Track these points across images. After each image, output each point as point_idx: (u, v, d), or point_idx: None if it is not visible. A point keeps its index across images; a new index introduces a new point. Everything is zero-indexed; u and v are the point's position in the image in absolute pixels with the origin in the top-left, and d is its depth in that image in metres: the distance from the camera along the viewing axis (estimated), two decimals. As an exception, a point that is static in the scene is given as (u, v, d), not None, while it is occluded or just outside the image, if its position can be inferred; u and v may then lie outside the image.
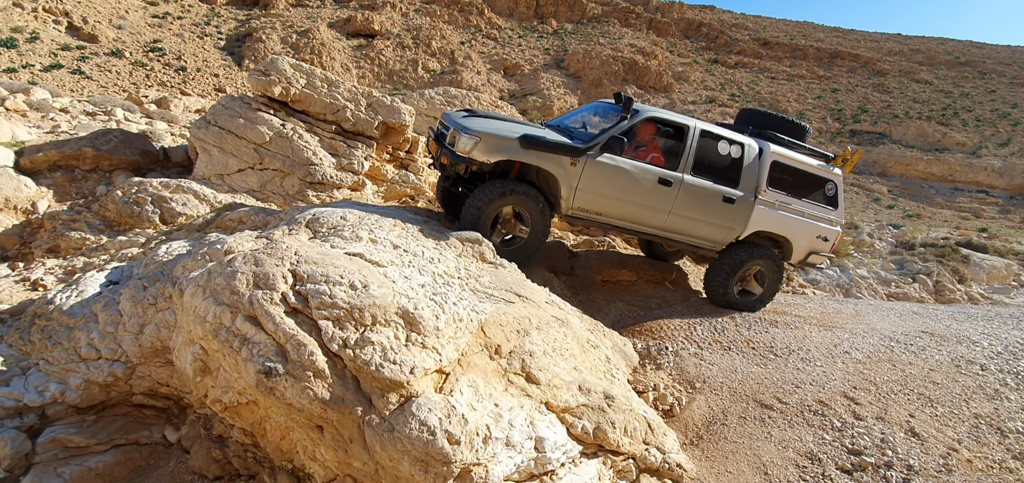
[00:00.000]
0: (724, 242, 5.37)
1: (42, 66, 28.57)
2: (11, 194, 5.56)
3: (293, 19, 36.32)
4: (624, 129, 4.77)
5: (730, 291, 5.48)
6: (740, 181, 5.17)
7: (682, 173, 4.99)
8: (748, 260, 5.38)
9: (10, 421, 3.00)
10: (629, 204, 4.91)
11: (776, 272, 5.57)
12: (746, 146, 5.21)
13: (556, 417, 2.83)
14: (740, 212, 5.18)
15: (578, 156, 4.66)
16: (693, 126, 5.06)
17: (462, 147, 4.49)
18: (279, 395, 2.44)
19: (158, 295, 3.39)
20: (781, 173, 5.33)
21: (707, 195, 5.05)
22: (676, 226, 5.13)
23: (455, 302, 2.98)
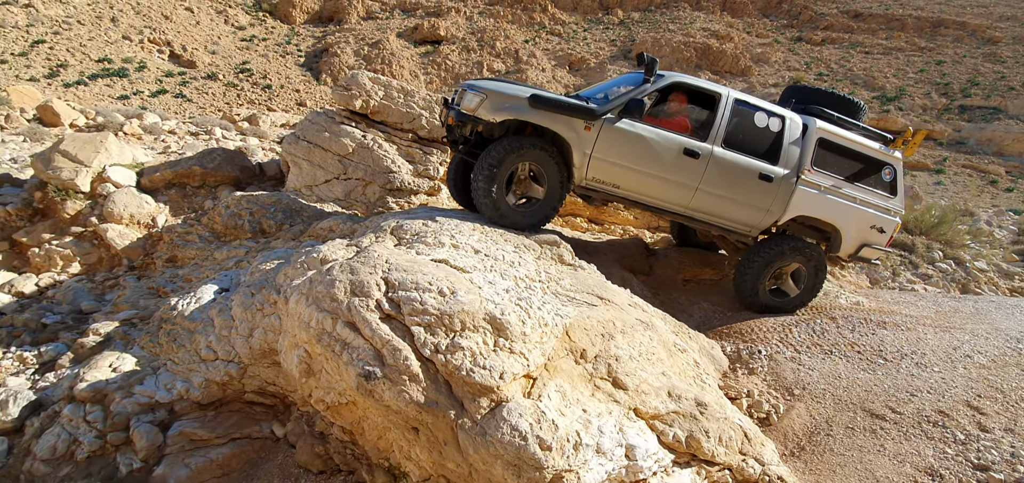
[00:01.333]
0: (760, 226, 4.79)
1: (150, 92, 31.94)
2: (135, 211, 6.25)
3: (364, 32, 38.07)
4: (646, 92, 4.35)
5: (761, 289, 4.91)
6: (780, 158, 4.60)
7: (712, 144, 4.49)
8: (784, 255, 4.78)
9: (145, 416, 3.38)
10: (650, 177, 4.45)
11: (817, 271, 4.90)
12: (788, 119, 4.66)
13: (645, 424, 2.76)
14: (779, 192, 4.60)
15: (593, 119, 4.25)
16: (725, 94, 4.61)
17: (467, 104, 4.27)
18: (377, 397, 2.56)
19: (264, 301, 3.67)
20: (830, 152, 4.71)
21: (741, 171, 4.52)
22: (704, 205, 4.63)
23: (539, 307, 2.99)
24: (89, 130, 11.45)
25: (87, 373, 3.52)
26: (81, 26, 34.70)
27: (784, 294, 5.08)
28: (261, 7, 41.69)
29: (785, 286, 5.10)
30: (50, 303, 5.10)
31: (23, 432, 3.40)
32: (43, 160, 6.45)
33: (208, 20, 39.14)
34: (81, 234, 6.05)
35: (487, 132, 4.47)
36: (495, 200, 4.27)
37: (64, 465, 3.15)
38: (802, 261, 4.89)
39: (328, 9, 40.86)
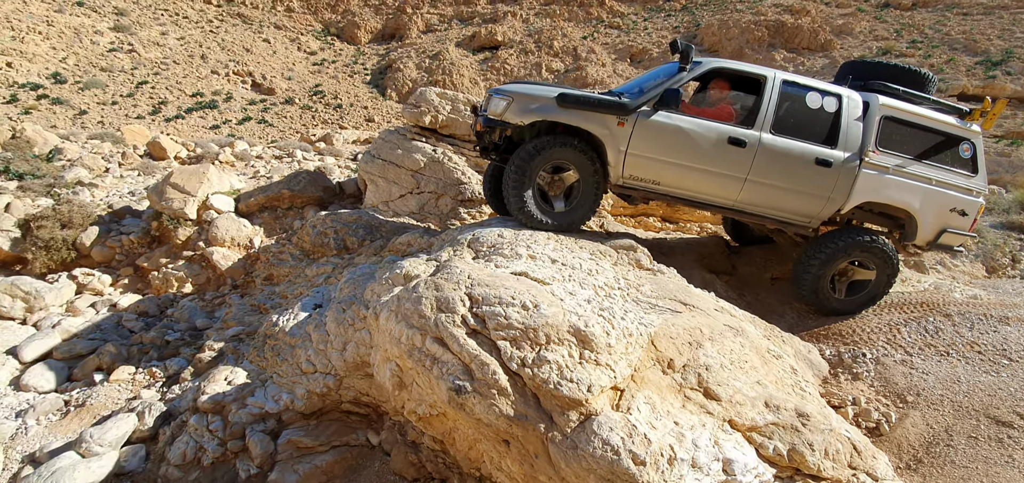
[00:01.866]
0: (820, 216, 4.44)
1: (237, 120, 34.80)
2: (235, 233, 6.84)
3: (425, 45, 39.33)
4: (682, 82, 4.15)
5: (822, 288, 4.50)
6: (839, 140, 4.25)
7: (759, 131, 4.20)
8: (848, 250, 4.37)
9: (257, 425, 3.69)
10: (692, 171, 4.21)
11: (887, 266, 4.44)
12: (845, 98, 4.30)
13: (742, 436, 2.65)
14: (841, 178, 4.25)
15: (626, 114, 4.07)
16: (771, 76, 4.30)
17: (494, 109, 4.20)
18: (468, 410, 2.64)
19: (355, 316, 3.89)
20: (897, 130, 4.31)
21: (794, 158, 4.21)
22: (755, 198, 4.32)
23: (622, 316, 2.95)
24: (190, 162, 12.66)
25: (207, 386, 3.90)
26: (177, 65, 38.40)
27: (851, 292, 4.65)
28: (329, 32, 44.18)
29: (850, 284, 4.67)
30: (170, 321, 5.70)
31: (157, 440, 3.83)
32: (157, 192, 7.22)
33: (283, 49, 42.03)
34: (191, 257, 6.70)
35: (517, 136, 4.41)
36: (525, 203, 4.20)
37: (193, 470, 3.52)
38: (868, 256, 4.45)
39: (390, 27, 42.57)
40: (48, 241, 6.86)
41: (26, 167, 9.85)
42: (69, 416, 4.13)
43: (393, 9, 42.55)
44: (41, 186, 9.13)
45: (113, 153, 12.68)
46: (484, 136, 4.52)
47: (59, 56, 36.48)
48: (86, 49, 37.82)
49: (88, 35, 38.83)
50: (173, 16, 43.29)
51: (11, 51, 34.75)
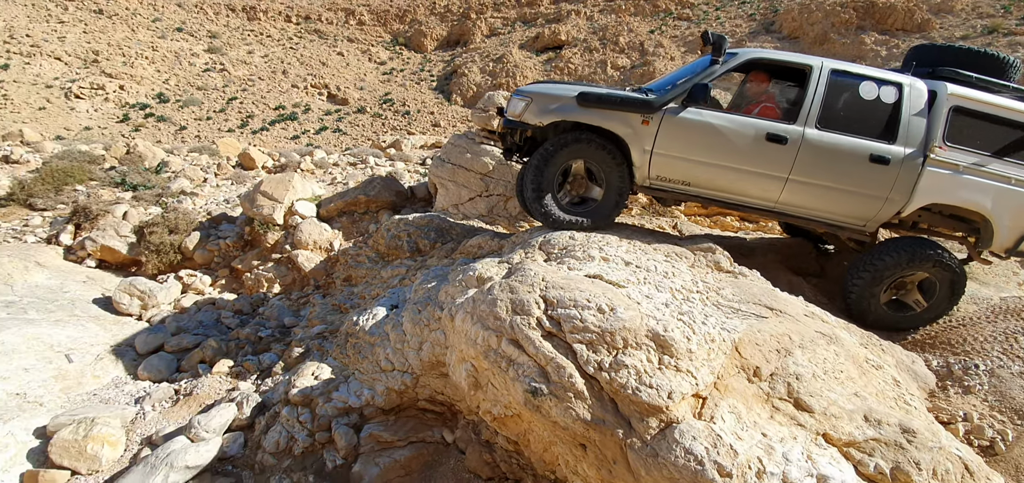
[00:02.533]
0: (877, 219, 4.00)
1: (314, 130, 37.03)
2: (317, 237, 7.27)
3: (488, 49, 39.95)
4: (714, 75, 3.87)
5: (875, 302, 4.05)
6: (899, 134, 3.81)
7: (803, 126, 3.84)
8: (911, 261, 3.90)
9: (342, 419, 3.90)
10: (725, 170, 3.93)
11: (953, 280, 3.95)
12: (906, 87, 3.84)
13: (838, 452, 2.47)
14: (900, 176, 3.80)
15: (651, 112, 3.86)
16: (818, 65, 3.92)
17: (513, 110, 4.06)
18: (545, 413, 2.65)
19: (430, 317, 4.01)
20: (970, 124, 3.79)
21: (843, 154, 3.81)
22: (799, 199, 3.96)
23: (703, 321, 2.85)
24: (275, 171, 13.62)
25: (296, 380, 4.18)
26: (261, 81, 41.43)
27: (905, 307, 4.17)
28: (397, 41, 45.94)
29: (908, 298, 4.18)
30: (262, 319, 6.15)
31: (253, 429, 4.15)
32: (248, 199, 7.82)
33: (355, 61, 44.20)
34: (279, 260, 7.20)
35: (541, 137, 4.26)
36: (544, 204, 4.08)
37: (285, 458, 3.77)
38: (930, 269, 3.95)
39: (455, 33, 43.60)
40: (158, 245, 7.64)
41: (139, 179, 11.02)
42: (178, 404, 4.57)
43: (458, 16, 43.60)
44: (151, 196, 10.18)
45: (210, 165, 13.90)
46: (506, 137, 4.43)
47: (163, 78, 40.52)
48: (185, 70, 41.76)
49: (186, 58, 42.86)
50: (258, 36, 46.84)
51: (123, 75, 39.04)
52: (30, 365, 4.73)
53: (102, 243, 7.71)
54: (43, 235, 8.47)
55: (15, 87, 34.97)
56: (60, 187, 10.09)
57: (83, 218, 8.34)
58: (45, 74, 37.18)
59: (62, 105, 35.41)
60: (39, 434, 4.06)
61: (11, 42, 38.23)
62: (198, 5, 48.06)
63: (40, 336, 5.19)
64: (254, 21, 47.89)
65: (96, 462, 3.86)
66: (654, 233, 4.57)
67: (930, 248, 3.95)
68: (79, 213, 8.40)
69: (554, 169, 4.04)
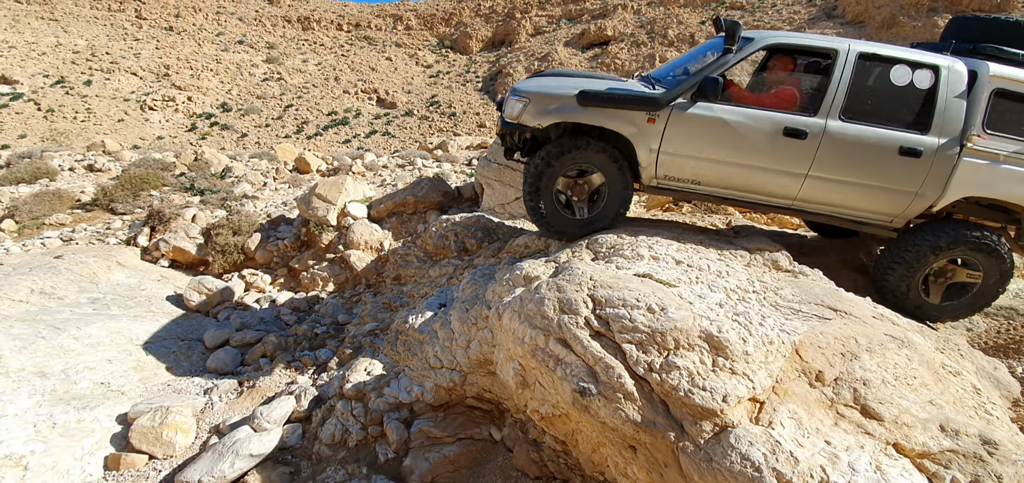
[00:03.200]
0: (904, 215, 3.67)
1: (364, 134, 38.26)
2: (368, 237, 7.50)
3: (534, 48, 39.95)
4: (727, 65, 3.58)
5: (912, 290, 3.70)
6: (933, 123, 3.45)
7: (825, 118, 3.53)
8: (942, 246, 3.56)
9: (393, 413, 4.00)
10: (738, 168, 3.66)
11: (997, 267, 3.56)
12: (944, 69, 3.45)
13: (911, 463, 2.31)
14: (933, 169, 3.46)
15: (656, 109, 3.61)
16: (844, 49, 3.56)
17: (510, 111, 3.85)
18: (593, 413, 2.62)
19: (477, 316, 4.06)
20: (1013, 108, 3.38)
21: (869, 148, 3.49)
22: (820, 195, 3.67)
23: (759, 322, 2.73)
24: (328, 174, 14.16)
25: (350, 375, 4.33)
26: (315, 88, 43.20)
27: (949, 296, 3.82)
28: (444, 44, 46.73)
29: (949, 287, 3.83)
30: (318, 316, 6.42)
31: (311, 421, 4.33)
32: (304, 202, 8.17)
33: (403, 65, 45.31)
34: (333, 259, 7.49)
35: (542, 136, 4.07)
36: (541, 211, 3.95)
37: (340, 450, 3.92)
38: (972, 254, 3.60)
39: (500, 33, 43.87)
40: (223, 246, 8.12)
41: (206, 184, 11.75)
42: (243, 395, 4.84)
43: (503, 16, 43.84)
44: (217, 200, 10.83)
45: (269, 169, 14.62)
46: (505, 138, 4.25)
47: (226, 88, 43.01)
48: (246, 80, 44.16)
49: (247, 69, 45.31)
50: (312, 45, 48.89)
51: (191, 87, 41.75)
52: (112, 357, 5.13)
53: (174, 244, 8.27)
54: (123, 237, 9.18)
55: (97, 101, 38.12)
56: (137, 193, 10.91)
57: (157, 221, 8.99)
58: (123, 88, 40.32)
59: (138, 117, 38.29)
60: (121, 420, 4.40)
61: (93, 60, 41.70)
62: (257, 18, 50.71)
63: (121, 330, 5.63)
64: (308, 31, 50.03)
65: (171, 447, 4.15)
66: (706, 231, 4.43)
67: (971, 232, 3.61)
68: (154, 216, 9.05)
69: (552, 176, 3.90)
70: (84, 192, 11.22)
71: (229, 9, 51.16)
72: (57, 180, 12.55)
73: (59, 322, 5.40)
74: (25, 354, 4.69)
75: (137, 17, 47.80)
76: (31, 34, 42.08)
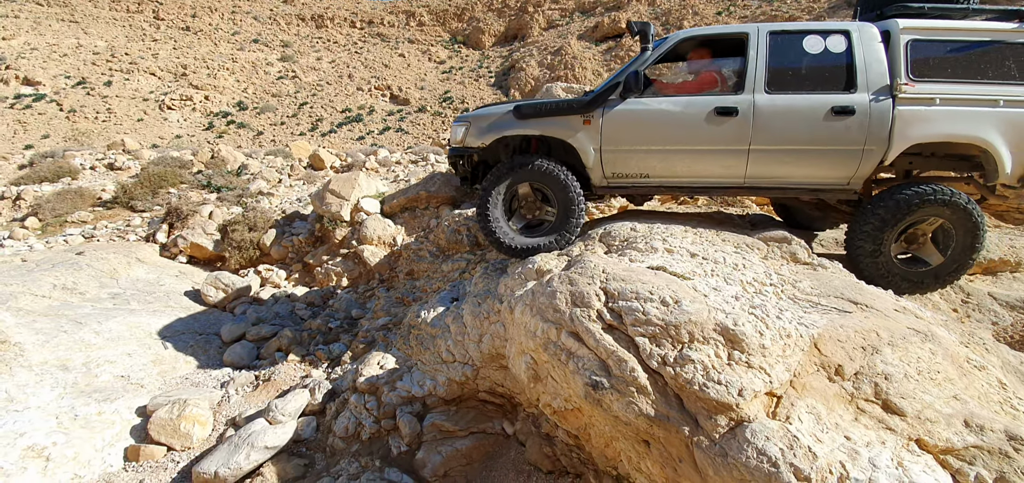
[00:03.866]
0: (859, 175, 3.71)
1: (378, 130, 38.45)
2: (381, 233, 7.53)
3: (547, 42, 39.74)
4: (646, 62, 3.76)
5: (883, 258, 3.69)
6: (858, 81, 3.60)
7: (751, 93, 3.68)
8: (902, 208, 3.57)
9: (406, 407, 4.02)
10: (681, 154, 3.80)
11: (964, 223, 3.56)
12: (854, 32, 3.65)
13: (934, 459, 2.24)
14: (872, 123, 3.56)
15: (589, 111, 3.82)
16: (754, 31, 3.78)
17: (454, 138, 4.11)
18: (606, 407, 2.59)
19: (489, 310, 4.04)
20: (936, 54, 3.56)
21: (801, 114, 3.62)
22: (768, 170, 3.77)
23: (777, 315, 2.67)
24: (342, 170, 14.26)
25: (363, 369, 4.35)
26: (329, 86, 43.51)
27: (922, 262, 3.80)
28: (456, 40, 46.71)
29: (922, 252, 3.80)
30: (331, 311, 6.46)
31: (325, 414, 4.37)
32: (318, 198, 8.23)
33: (416, 61, 45.39)
34: (346, 255, 7.53)
35: (492, 159, 4.25)
36: (495, 233, 4.05)
37: (354, 443, 3.94)
38: (941, 212, 3.57)
39: (512, 28, 43.70)
40: (240, 242, 8.22)
41: (222, 182, 11.91)
42: (259, 389, 4.89)
43: (515, 10, 43.68)
44: (233, 197, 10.97)
45: (284, 166, 14.77)
46: (458, 167, 4.38)
47: (242, 87, 43.54)
48: (261, 79, 44.64)
49: (262, 67, 45.81)
50: (326, 42, 49.24)
51: (208, 86, 42.34)
52: (132, 350, 5.23)
53: (192, 241, 8.39)
54: (142, 234, 9.35)
55: (117, 101, 38.87)
56: (156, 190, 11.10)
57: (175, 218, 9.13)
58: (142, 88, 41.05)
59: (157, 116, 38.97)
60: (140, 413, 4.49)
61: (112, 60, 42.51)
62: (272, 17, 51.22)
63: (140, 325, 5.73)
64: (322, 28, 50.39)
65: (188, 439, 4.22)
66: (722, 223, 4.36)
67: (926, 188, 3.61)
68: (172, 213, 9.20)
69: (499, 197, 4.05)
70: (105, 190, 11.45)
71: (244, 8, 51.74)
72: (79, 179, 12.82)
73: (81, 317, 5.51)
74: (48, 348, 4.79)
75: (155, 18, 48.59)
76: (52, 36, 43.04)
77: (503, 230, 4.14)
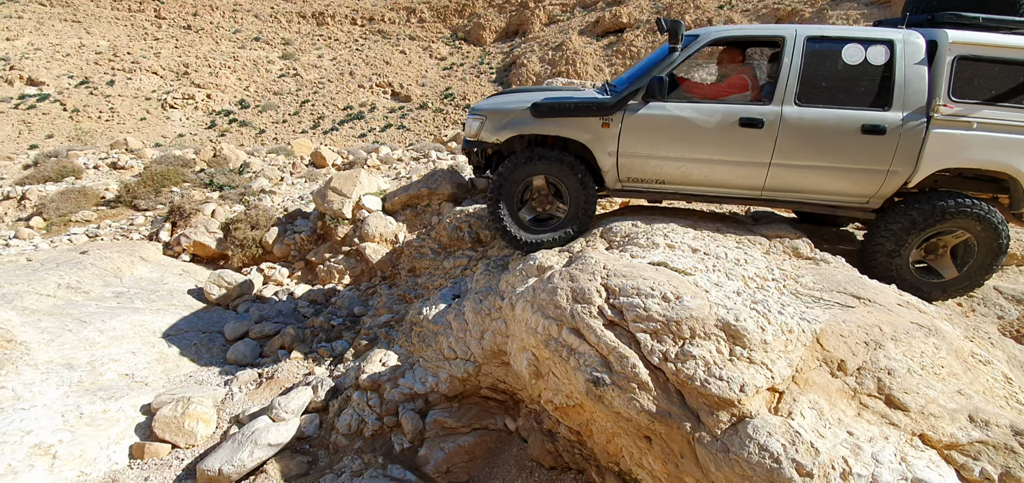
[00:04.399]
0: (880, 194, 3.60)
1: (380, 128, 38.44)
2: (383, 230, 7.54)
3: (548, 37, 39.62)
4: (673, 64, 3.63)
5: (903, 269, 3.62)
6: (894, 97, 3.38)
7: (780, 106, 3.49)
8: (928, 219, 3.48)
9: (408, 404, 4.02)
10: (699, 163, 3.69)
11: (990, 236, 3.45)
12: (898, 42, 3.38)
13: (938, 454, 2.24)
14: (901, 144, 3.39)
15: (609, 113, 3.69)
16: (791, 34, 3.54)
17: (470, 130, 4.02)
18: (607, 403, 2.59)
19: (491, 307, 4.04)
20: (979, 73, 3.30)
21: (830, 130, 3.44)
22: (788, 183, 3.64)
23: (779, 310, 2.67)
24: (344, 168, 14.27)
25: (365, 366, 4.36)
26: (330, 83, 43.48)
27: (935, 274, 3.73)
28: (457, 36, 46.61)
29: (938, 263, 3.72)
30: (334, 308, 6.48)
31: (327, 411, 4.37)
32: (320, 196, 8.23)
33: (417, 58, 45.31)
34: (348, 252, 7.54)
35: (507, 151, 4.18)
36: (505, 226, 4.03)
37: (357, 440, 3.95)
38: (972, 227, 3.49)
39: (513, 23, 43.56)
40: (242, 240, 8.24)
41: (224, 180, 11.93)
42: (262, 386, 4.91)
43: (516, 6, 43.54)
44: (235, 195, 10.99)
45: (286, 164, 14.79)
46: (470, 157, 4.34)
47: (243, 85, 43.57)
48: (262, 77, 44.67)
49: (264, 65, 45.82)
50: (327, 40, 49.21)
51: (210, 85, 42.38)
52: (136, 349, 5.25)
53: (194, 239, 8.42)
54: (145, 232, 9.38)
55: (120, 100, 38.97)
56: (159, 189, 11.13)
57: (178, 216, 9.16)
58: (144, 87, 41.13)
59: (159, 115, 39.06)
60: (144, 410, 4.51)
61: (115, 60, 42.60)
62: (272, 14, 51.21)
63: (144, 323, 5.75)
64: (323, 26, 50.35)
65: (192, 437, 4.24)
66: (724, 218, 4.34)
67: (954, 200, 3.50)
68: (175, 212, 9.23)
69: (512, 190, 4.00)
70: (108, 189, 11.49)
71: (245, 6, 51.74)
72: (82, 178, 12.87)
73: (85, 315, 5.53)
74: (53, 347, 4.82)
75: (156, 17, 48.64)
76: (55, 36, 43.14)
77: (512, 222, 4.12)
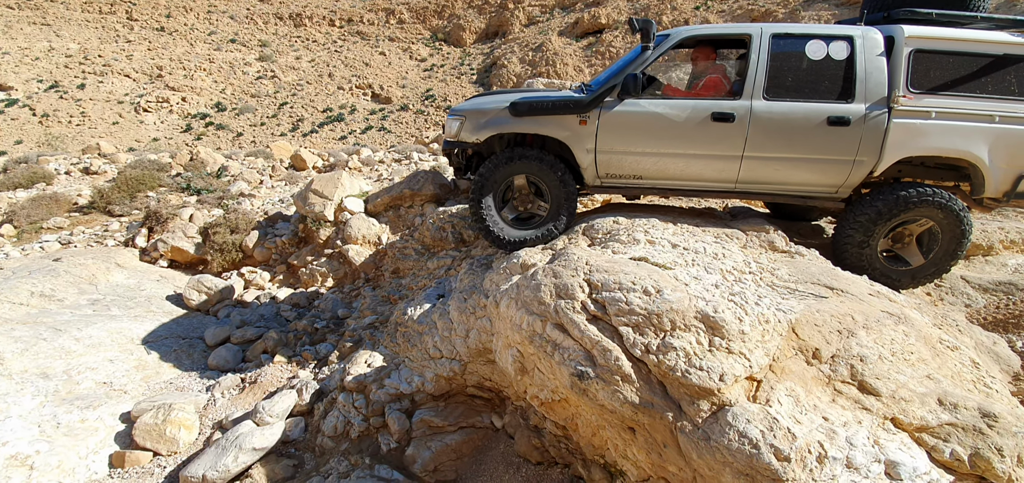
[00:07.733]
0: (848, 184, 3.77)
1: (360, 130, 38.12)
2: (366, 232, 7.50)
3: (527, 38, 39.72)
4: (646, 63, 3.76)
5: (872, 258, 3.80)
6: (857, 90, 3.59)
7: (749, 100, 3.67)
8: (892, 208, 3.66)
9: (394, 404, 4.02)
10: (675, 157, 3.82)
11: (952, 224, 3.64)
12: (858, 38, 3.60)
13: (909, 437, 2.33)
14: (865, 135, 3.58)
15: (585, 111, 3.82)
16: (757, 32, 3.73)
17: (450, 130, 4.12)
18: (592, 396, 2.64)
19: (475, 305, 4.07)
20: (935, 65, 3.52)
21: (798, 122, 3.62)
22: (760, 175, 3.80)
23: (756, 302, 2.74)
24: (325, 170, 14.12)
25: (351, 368, 4.34)
26: (309, 85, 42.94)
27: (903, 261, 3.90)
28: (437, 37, 46.44)
29: (905, 251, 3.90)
30: (317, 311, 6.42)
31: (313, 414, 4.35)
32: (301, 198, 8.15)
33: (397, 60, 45.01)
34: (331, 255, 7.48)
35: (487, 151, 4.28)
36: (487, 226, 4.10)
37: (343, 441, 3.94)
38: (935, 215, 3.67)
39: (493, 25, 43.58)
40: (221, 245, 8.11)
41: (202, 184, 11.72)
42: (245, 391, 4.85)
43: (495, 7, 43.55)
44: (214, 199, 10.80)
45: (265, 167, 14.58)
46: (451, 158, 4.41)
47: (219, 88, 42.77)
48: (239, 79, 43.90)
49: (240, 67, 45.03)
50: (305, 41, 48.58)
51: (185, 88, 41.51)
52: (114, 357, 5.14)
53: (172, 244, 8.26)
54: (121, 238, 9.17)
55: (91, 104, 37.94)
56: (134, 194, 10.88)
57: (155, 222, 8.97)
58: (116, 91, 40.10)
59: (133, 119, 38.12)
60: (124, 419, 4.42)
61: (86, 63, 41.45)
62: (248, 16, 50.37)
63: (122, 330, 5.63)
64: (300, 27, 49.70)
65: (174, 444, 4.17)
66: (703, 214, 4.44)
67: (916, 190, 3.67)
68: (151, 217, 9.03)
69: (493, 189, 4.08)
70: (81, 195, 11.20)
71: (220, 8, 50.80)
72: (54, 184, 12.51)
73: (60, 324, 5.40)
74: (27, 356, 4.70)
75: (128, 18, 47.47)
76: (24, 39, 41.81)
77: (494, 221, 4.18)
